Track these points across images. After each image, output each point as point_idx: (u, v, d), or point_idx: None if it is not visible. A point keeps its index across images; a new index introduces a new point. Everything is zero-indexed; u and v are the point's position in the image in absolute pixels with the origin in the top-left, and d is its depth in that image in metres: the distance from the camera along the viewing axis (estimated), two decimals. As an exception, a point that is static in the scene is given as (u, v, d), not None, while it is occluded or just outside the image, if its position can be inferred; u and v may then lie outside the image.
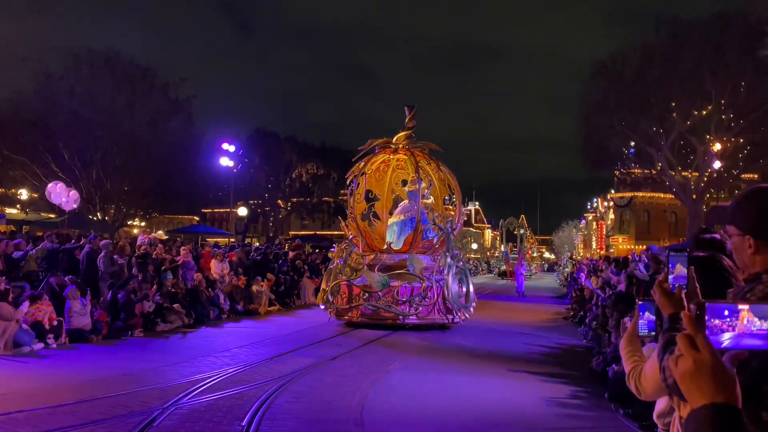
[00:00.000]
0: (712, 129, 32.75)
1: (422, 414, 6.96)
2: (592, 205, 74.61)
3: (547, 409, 7.33)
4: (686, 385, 1.22)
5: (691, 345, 1.23)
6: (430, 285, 13.94)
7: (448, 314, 14.13)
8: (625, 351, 2.31)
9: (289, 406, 7.03)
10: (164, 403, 6.82)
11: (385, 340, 12.48)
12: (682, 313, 1.31)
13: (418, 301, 13.85)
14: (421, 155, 15.50)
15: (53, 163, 33.30)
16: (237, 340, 12.15)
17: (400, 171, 16.53)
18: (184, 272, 15.43)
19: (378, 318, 13.79)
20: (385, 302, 13.84)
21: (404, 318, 13.71)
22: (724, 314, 1.28)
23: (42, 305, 10.77)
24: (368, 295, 13.85)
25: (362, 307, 13.88)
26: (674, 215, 52.10)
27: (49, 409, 6.51)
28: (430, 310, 13.97)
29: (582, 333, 13.91)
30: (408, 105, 15.87)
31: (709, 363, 1.20)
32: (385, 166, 16.34)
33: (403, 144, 15.58)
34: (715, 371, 1.19)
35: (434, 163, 15.60)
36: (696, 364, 1.21)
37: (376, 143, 15.64)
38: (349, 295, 14.18)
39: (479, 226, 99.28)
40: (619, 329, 8.73)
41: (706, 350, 1.21)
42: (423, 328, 13.79)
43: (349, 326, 13.95)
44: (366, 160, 15.81)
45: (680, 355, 1.24)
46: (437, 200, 16.18)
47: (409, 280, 13.99)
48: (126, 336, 11.96)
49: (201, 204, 48.11)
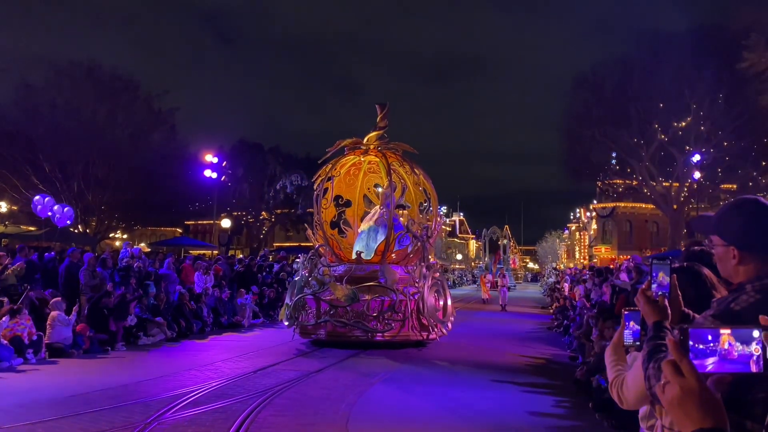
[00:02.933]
0: (692, 140, 33.28)
1: (407, 426, 6.95)
2: (575, 216, 75.23)
3: (531, 420, 7.35)
4: (674, 412, 1.23)
5: (677, 371, 1.24)
6: (404, 298, 12.77)
7: (423, 330, 12.96)
8: (608, 360, 2.34)
9: (274, 419, 6.98)
10: (147, 418, 6.74)
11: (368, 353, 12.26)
12: (667, 339, 1.33)
13: (389, 316, 12.62)
14: (393, 157, 14.26)
15: (34, 176, 32.92)
16: (221, 353, 12.05)
17: (372, 174, 15.28)
18: (166, 285, 15.29)
19: (347, 336, 12.55)
20: (352, 317, 12.54)
21: (373, 335, 12.52)
22: (708, 338, 1.30)
23: (21, 320, 10.59)
24: (334, 311, 12.62)
25: (329, 324, 12.61)
26: (656, 225, 52.70)
27: (29, 426, 6.40)
28: (403, 326, 12.73)
29: (566, 343, 13.98)
30: (379, 103, 14.62)
31: (695, 389, 1.21)
32: (356, 169, 15.08)
33: (374, 145, 14.32)
34: (701, 397, 1.20)
35: (408, 165, 14.40)
36: (682, 391, 1.22)
37: (344, 143, 14.40)
38: (316, 311, 12.87)
39: (464, 236, 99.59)
40: (603, 339, 8.80)
41: (692, 376, 1.22)
42: (395, 346, 12.59)
43: (315, 345, 12.84)
44: (334, 163, 14.56)
45: (667, 383, 1.25)
46: (412, 205, 15.01)
47: (380, 293, 12.79)
48: (108, 350, 11.82)
49: (184, 216, 47.78)
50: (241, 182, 46.48)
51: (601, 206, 55.37)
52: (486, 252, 67.93)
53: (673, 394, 1.23)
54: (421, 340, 13.08)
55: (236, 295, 17.42)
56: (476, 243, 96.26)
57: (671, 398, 1.23)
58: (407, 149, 14.59)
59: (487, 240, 64.44)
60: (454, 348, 13.12)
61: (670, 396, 1.24)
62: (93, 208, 35.68)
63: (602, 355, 7.57)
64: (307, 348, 12.65)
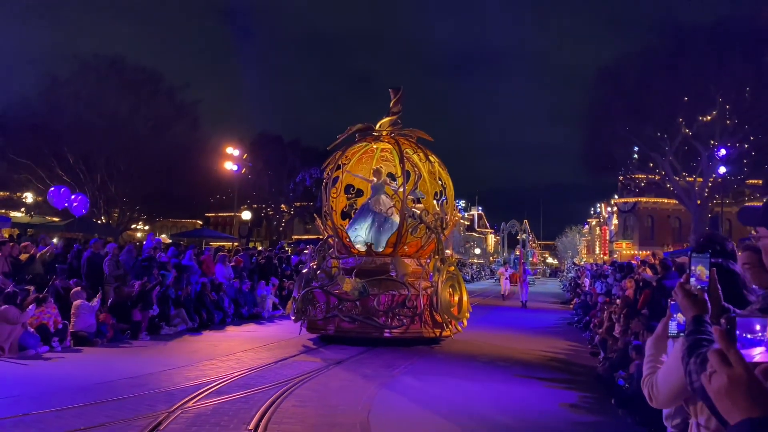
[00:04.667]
0: (717, 134, 32.73)
1: (428, 419, 6.94)
2: (596, 211, 74.57)
3: (554, 414, 7.30)
4: (722, 402, 1.21)
5: (724, 361, 1.22)
6: (416, 293, 12.12)
7: (436, 327, 12.27)
8: (647, 353, 2.29)
9: (295, 410, 7.02)
10: (170, 406, 6.81)
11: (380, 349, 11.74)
12: (713, 329, 1.30)
13: (400, 311, 11.98)
14: (407, 143, 13.52)
15: (58, 167, 33.45)
16: (242, 343, 12.14)
17: (385, 163, 14.58)
18: (188, 276, 15.44)
19: (355, 332, 11.95)
20: (361, 313, 11.95)
21: (383, 331, 11.86)
22: (756, 328, 1.27)
23: (47, 308, 10.78)
24: (343, 305, 12.03)
25: (337, 319, 12.03)
26: (678, 221, 52.04)
27: (55, 412, 6.51)
28: (415, 322, 12.07)
29: (587, 338, 13.87)
30: (393, 87, 13.92)
31: (743, 378, 1.19)
32: (368, 157, 14.43)
33: (387, 131, 13.65)
34: (750, 386, 1.18)
35: (422, 152, 13.61)
36: (730, 380, 1.20)
37: (355, 129, 13.67)
38: (325, 305, 12.25)
39: (482, 231, 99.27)
40: (627, 334, 8.72)
41: (740, 365, 1.20)
42: (406, 343, 11.89)
43: (323, 341, 12.22)
44: (344, 150, 13.88)
45: (713, 372, 1.23)
46: (427, 196, 14.31)
47: (391, 287, 12.20)
48: (131, 339, 11.98)
49: (205, 208, 48.23)
50: (261, 175, 46.74)
51: (623, 201, 54.78)
52: (504, 246, 67.63)
53: (720, 383, 1.21)
54: (435, 337, 12.42)
55: (256, 287, 17.54)
56: (495, 237, 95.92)
57: (718, 388, 1.21)
58: (422, 136, 13.88)
59: (506, 234, 64.08)
60: (472, 344, 12.75)
61: (717, 386, 1.22)
62: (115, 200, 36.14)
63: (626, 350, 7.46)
64: (315, 344, 12.09)
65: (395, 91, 13.85)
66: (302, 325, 12.47)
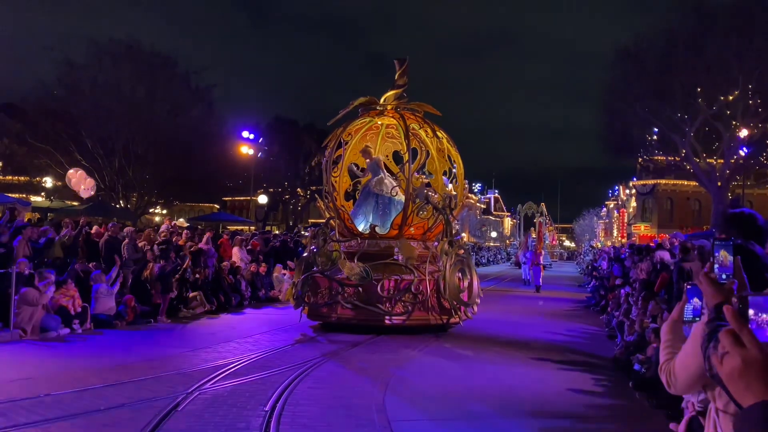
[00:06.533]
0: (739, 115, 32.10)
1: (444, 400, 6.95)
2: (614, 193, 73.81)
3: (571, 397, 7.28)
4: (734, 384, 1.17)
5: (737, 341, 1.17)
6: (422, 277, 11.44)
7: (444, 314, 11.58)
8: (663, 339, 2.24)
9: (312, 391, 7.07)
10: (188, 388, 6.89)
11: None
12: (724, 308, 1.26)
13: (405, 297, 11.25)
14: (413, 118, 12.60)
15: (76, 152, 33.75)
16: (259, 326, 12.24)
17: (391, 140, 13.72)
18: (205, 259, 15.56)
19: (357, 319, 11.28)
20: (364, 298, 11.25)
21: (387, 318, 11.18)
22: None
23: (67, 291, 10.93)
24: (344, 291, 11.39)
25: (339, 306, 11.39)
26: (698, 203, 51.37)
27: (76, 393, 6.61)
28: (421, 308, 11.36)
29: (604, 321, 13.78)
30: (398, 58, 12.98)
31: (757, 359, 1.14)
32: (374, 134, 13.57)
33: (391, 105, 12.67)
34: (764, 368, 1.14)
35: (429, 127, 12.72)
36: (743, 362, 1.15)
37: (357, 103, 12.71)
38: (327, 291, 11.62)
39: (499, 214, 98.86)
40: (644, 317, 8.64)
41: (754, 346, 1.16)
42: (411, 331, 11.19)
43: (324, 329, 11.62)
44: (345, 125, 13.02)
45: (726, 353, 1.19)
46: (436, 174, 13.49)
47: (396, 271, 11.51)
48: (150, 322, 12.12)
49: (221, 192, 48.47)
50: (277, 159, 46.87)
51: (642, 183, 54.14)
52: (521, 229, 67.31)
53: (733, 365, 1.16)
54: (442, 324, 11.68)
55: (273, 270, 17.64)
56: (511, 221, 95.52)
57: (731, 369, 1.17)
58: (429, 110, 12.96)
59: (522, 216, 63.74)
60: (487, 328, 12.29)
61: (729, 367, 1.17)
62: (133, 184, 36.45)
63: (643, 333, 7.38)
64: (314, 332, 11.46)
65: (400, 62, 12.91)
66: (303, 311, 11.85)
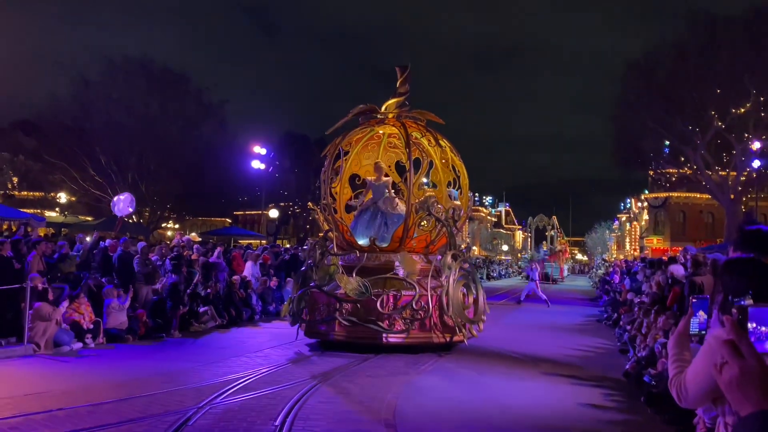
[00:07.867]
0: (751, 127, 31.94)
1: (453, 415, 6.93)
2: (626, 206, 73.39)
3: (581, 412, 7.23)
4: (732, 394, 1.19)
5: (735, 352, 1.19)
6: (424, 293, 10.83)
7: (447, 332, 10.96)
8: (671, 353, 2.24)
9: (321, 406, 7.07)
10: (199, 402, 6.92)
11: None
12: (724, 318, 1.28)
13: (406, 314, 10.64)
14: (414, 126, 12.20)
15: (90, 167, 34.12)
16: (269, 340, 12.26)
17: (393, 150, 13.30)
18: (217, 273, 15.64)
19: (355, 336, 10.72)
20: (363, 315, 10.67)
21: (386, 336, 10.56)
22: None
23: (80, 305, 11.04)
24: (342, 307, 10.85)
25: (335, 323, 10.84)
26: (711, 216, 50.99)
27: (88, 407, 6.66)
28: (423, 326, 10.77)
29: (616, 335, 13.68)
30: (399, 65, 12.51)
31: (755, 370, 1.16)
32: (375, 144, 13.18)
33: (392, 113, 12.19)
34: (762, 378, 1.16)
35: (431, 137, 12.24)
36: (742, 372, 1.17)
37: (356, 111, 12.30)
38: (325, 307, 11.10)
39: (510, 227, 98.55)
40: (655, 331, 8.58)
41: (752, 357, 1.18)
42: (412, 350, 10.60)
43: (321, 347, 11.12)
44: (344, 135, 12.65)
45: (725, 363, 1.21)
46: (440, 185, 13.06)
47: (396, 286, 10.95)
48: (162, 336, 12.19)
49: (233, 206, 48.79)
50: (288, 173, 47.13)
51: (654, 196, 53.82)
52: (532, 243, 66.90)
53: (731, 375, 1.19)
54: (445, 343, 11.04)
55: (284, 284, 17.68)
56: (522, 233, 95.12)
57: (730, 379, 1.19)
58: (432, 118, 12.52)
59: (533, 229, 63.39)
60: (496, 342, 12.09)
61: (728, 377, 1.19)
62: (146, 199, 36.78)
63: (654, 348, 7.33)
64: (310, 351, 11.00)
65: (402, 70, 12.44)
66: (300, 328, 11.40)
